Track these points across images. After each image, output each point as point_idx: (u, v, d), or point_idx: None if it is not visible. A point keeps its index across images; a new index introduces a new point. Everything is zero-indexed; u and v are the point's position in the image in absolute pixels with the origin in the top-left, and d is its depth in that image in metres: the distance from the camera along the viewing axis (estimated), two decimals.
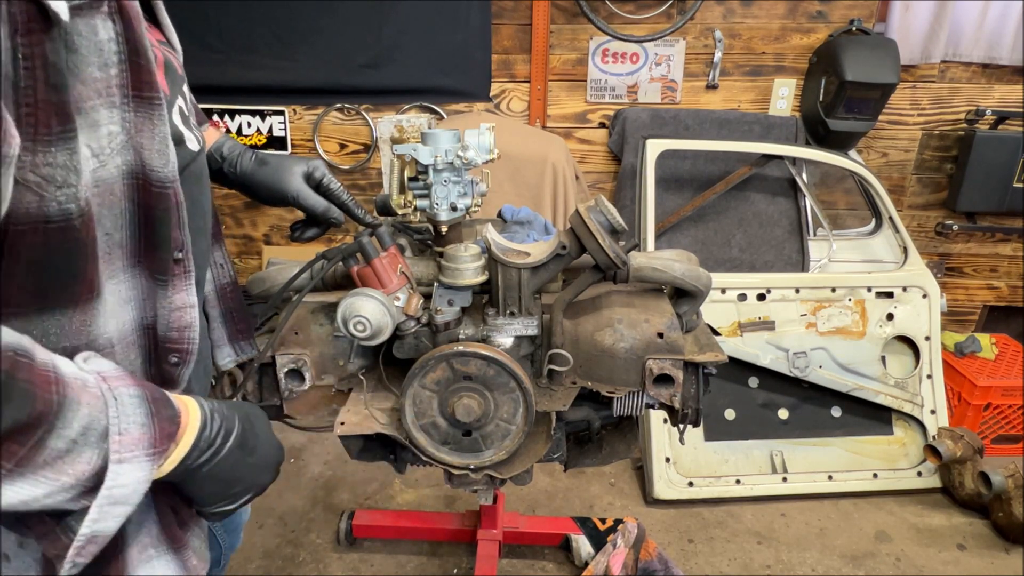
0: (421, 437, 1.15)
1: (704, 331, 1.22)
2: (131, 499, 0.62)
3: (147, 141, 0.66)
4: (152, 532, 0.74)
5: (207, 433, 0.72)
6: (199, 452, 0.71)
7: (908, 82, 2.79)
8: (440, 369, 1.11)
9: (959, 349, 2.70)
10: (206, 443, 0.71)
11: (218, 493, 0.76)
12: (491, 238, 1.10)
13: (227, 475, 0.75)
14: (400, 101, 2.88)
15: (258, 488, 0.81)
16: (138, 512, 0.69)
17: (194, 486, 0.74)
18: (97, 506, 0.60)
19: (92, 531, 0.61)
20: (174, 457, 0.68)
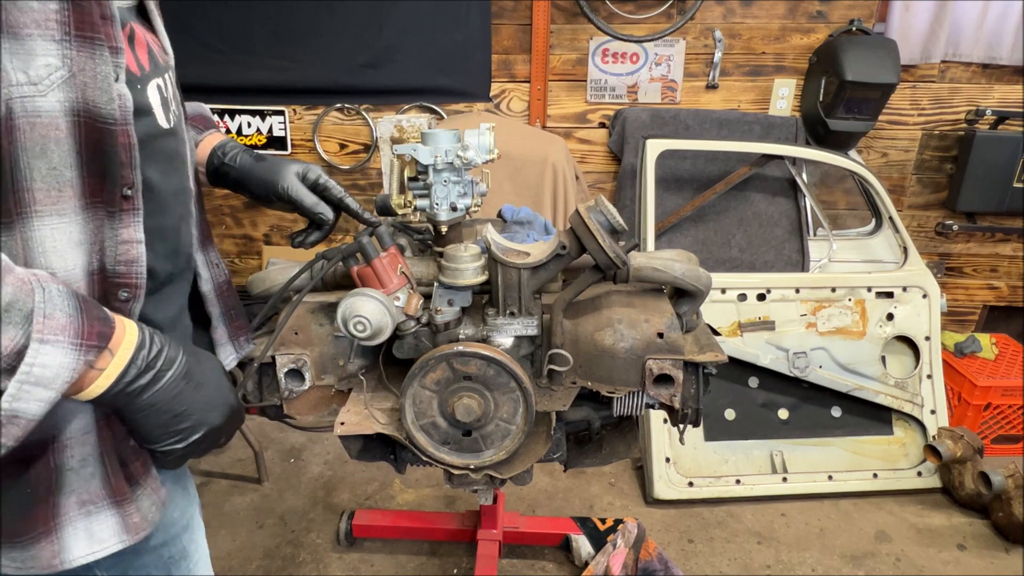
0: (421, 437, 1.15)
1: (704, 331, 1.22)
2: (54, 383, 0.63)
3: (90, 80, 0.68)
4: (93, 484, 0.76)
5: (144, 351, 0.72)
6: (137, 371, 0.71)
7: (908, 82, 2.79)
8: (440, 369, 1.11)
9: (959, 349, 2.70)
10: (143, 362, 0.71)
11: (163, 425, 0.75)
12: (491, 238, 1.10)
13: (170, 405, 0.74)
14: (400, 101, 2.88)
15: (207, 427, 0.78)
16: (80, 460, 0.74)
17: (137, 416, 0.73)
18: (16, 382, 0.61)
19: (11, 408, 0.61)
20: (110, 371, 0.69)
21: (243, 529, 2.22)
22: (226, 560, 2.08)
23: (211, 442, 0.81)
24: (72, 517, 0.74)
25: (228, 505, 2.33)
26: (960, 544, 2.19)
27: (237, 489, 2.42)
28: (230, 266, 3.20)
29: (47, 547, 0.73)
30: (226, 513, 2.29)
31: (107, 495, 0.77)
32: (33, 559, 0.72)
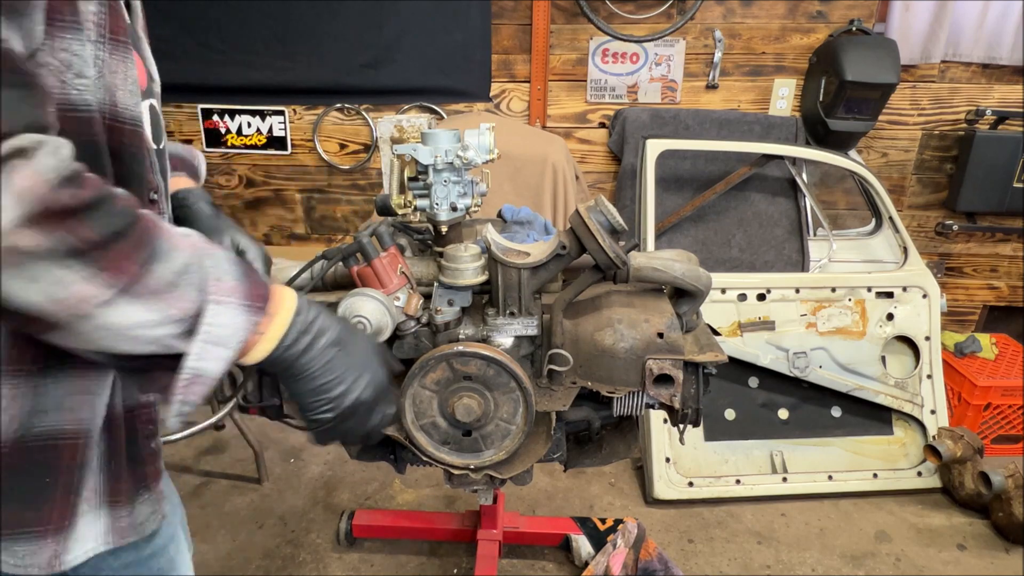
0: (421, 437, 1.15)
1: (704, 331, 1.22)
2: (230, 343, 0.66)
3: (120, 81, 0.69)
4: (100, 480, 0.75)
5: (302, 317, 0.74)
6: (296, 333, 0.73)
7: (908, 82, 2.79)
8: (440, 369, 1.11)
9: (959, 349, 2.70)
10: (302, 325, 0.74)
11: (315, 391, 0.77)
12: (491, 238, 1.10)
13: (323, 371, 0.76)
14: (400, 101, 2.88)
15: (356, 397, 0.79)
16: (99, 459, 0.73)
17: (293, 381, 0.76)
18: (199, 342, 0.64)
19: (195, 368, 0.65)
20: (272, 334, 0.71)
21: (243, 529, 2.22)
22: (226, 560, 2.08)
23: (361, 419, 0.82)
24: (80, 521, 0.73)
25: (228, 505, 2.33)
26: (960, 544, 2.19)
27: (237, 489, 2.42)
28: None
29: (51, 546, 0.71)
30: (226, 513, 2.29)
31: (104, 494, 0.76)
32: (34, 556, 0.70)
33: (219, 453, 2.63)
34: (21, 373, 0.65)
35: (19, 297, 0.55)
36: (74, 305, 0.58)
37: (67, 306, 0.57)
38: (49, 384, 0.67)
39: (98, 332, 0.61)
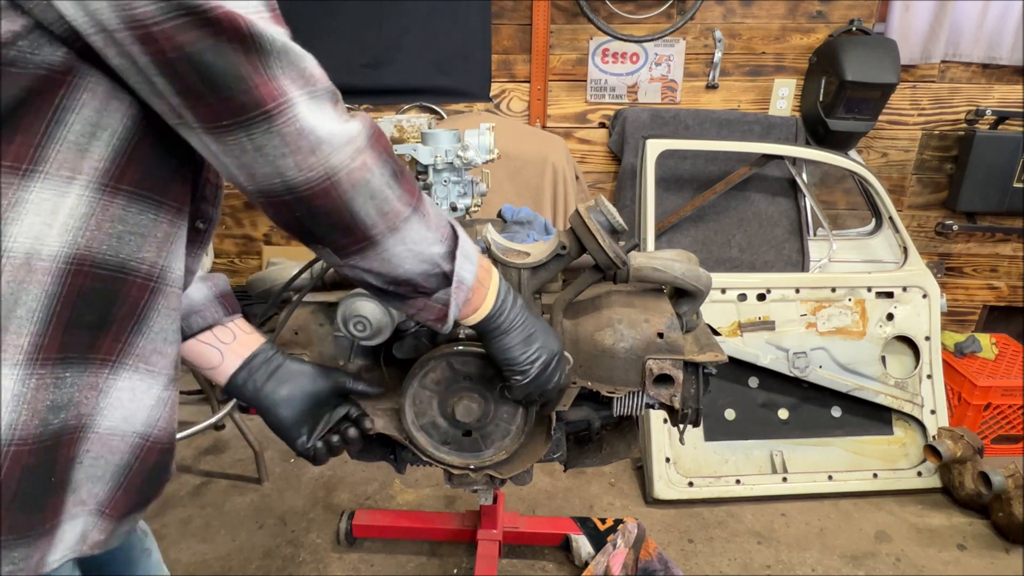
0: (421, 437, 1.15)
1: (704, 331, 1.22)
2: (473, 259, 0.84)
3: None
4: (97, 487, 0.72)
5: (503, 289, 0.91)
6: (500, 300, 0.90)
7: (908, 82, 2.79)
8: (440, 369, 1.11)
9: (959, 349, 2.70)
10: (504, 293, 0.92)
11: (521, 344, 0.93)
12: (491, 238, 1.10)
13: (523, 327, 0.93)
14: (400, 101, 2.88)
15: (551, 352, 0.96)
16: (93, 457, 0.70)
17: (508, 332, 0.92)
18: (459, 256, 0.80)
19: (459, 275, 0.81)
20: (492, 288, 0.89)
21: (243, 529, 2.22)
22: (226, 560, 2.08)
23: (556, 369, 0.99)
24: (65, 517, 0.70)
25: (228, 505, 2.33)
26: (960, 544, 2.19)
27: (237, 489, 2.42)
28: (230, 266, 3.21)
29: (43, 546, 0.67)
30: (226, 513, 2.29)
31: (104, 503, 0.73)
32: (27, 560, 0.66)
33: (219, 453, 2.63)
34: (48, 363, 0.63)
35: (361, 209, 0.69)
36: (392, 218, 0.72)
37: (388, 219, 0.72)
38: (68, 377, 0.65)
39: (397, 247, 0.74)
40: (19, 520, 0.64)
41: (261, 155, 0.62)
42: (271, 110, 0.60)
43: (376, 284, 0.80)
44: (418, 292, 0.82)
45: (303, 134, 0.62)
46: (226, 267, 3.15)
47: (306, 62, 0.63)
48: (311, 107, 0.63)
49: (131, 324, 0.70)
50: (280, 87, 0.60)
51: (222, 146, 0.62)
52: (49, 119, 0.59)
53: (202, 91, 0.58)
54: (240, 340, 0.92)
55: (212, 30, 0.55)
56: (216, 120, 0.60)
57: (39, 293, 0.61)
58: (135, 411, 0.72)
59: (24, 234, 0.60)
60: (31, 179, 0.59)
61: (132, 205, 0.66)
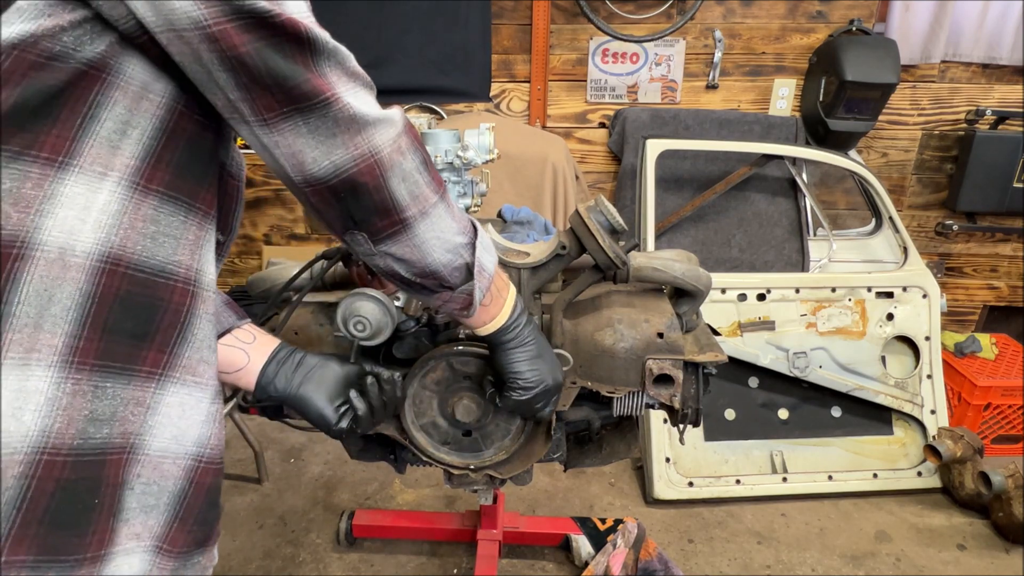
0: (421, 437, 1.15)
1: (704, 331, 1.22)
2: (492, 250, 0.89)
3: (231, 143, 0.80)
4: (152, 519, 0.68)
5: (519, 304, 0.97)
6: (516, 314, 0.96)
7: (908, 82, 2.79)
8: (440, 369, 1.11)
9: (959, 349, 2.70)
10: (520, 308, 0.97)
11: (529, 360, 0.99)
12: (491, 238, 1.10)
13: (533, 345, 0.99)
14: (400, 101, 2.87)
15: (554, 380, 1.02)
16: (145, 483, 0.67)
17: (517, 347, 0.98)
18: (479, 245, 0.85)
19: (480, 263, 0.85)
20: (509, 303, 0.95)
21: (243, 529, 2.22)
22: (226, 560, 2.08)
23: (546, 402, 1.04)
24: (118, 551, 0.65)
25: (228, 505, 2.33)
26: (960, 544, 2.19)
27: (237, 489, 2.42)
28: (230, 266, 3.21)
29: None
30: (226, 513, 2.29)
31: (159, 537, 0.69)
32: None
33: None
34: (85, 367, 0.61)
35: (396, 190, 0.74)
36: (422, 202, 0.77)
37: (419, 202, 0.77)
38: (108, 388, 0.63)
39: (427, 233, 0.79)
40: (52, 541, 0.60)
41: (314, 139, 0.67)
42: (326, 98, 0.66)
43: (405, 275, 0.83)
44: (443, 286, 0.85)
45: (353, 118, 0.69)
46: (226, 267, 3.15)
47: (350, 61, 0.71)
48: (357, 97, 0.70)
49: (176, 333, 0.68)
50: (330, 81, 0.67)
51: (277, 136, 0.67)
52: (84, 113, 0.60)
53: (264, 85, 0.63)
54: (260, 340, 0.93)
55: (274, 31, 0.62)
56: (273, 110, 0.65)
57: (73, 291, 0.60)
58: (186, 429, 0.69)
59: (58, 228, 0.60)
60: (66, 172, 0.60)
61: (163, 206, 0.66)
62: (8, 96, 0.57)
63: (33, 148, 0.59)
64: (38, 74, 0.58)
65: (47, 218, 0.59)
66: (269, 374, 0.91)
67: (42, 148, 0.59)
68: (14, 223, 0.58)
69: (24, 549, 0.58)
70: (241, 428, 2.36)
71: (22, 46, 0.57)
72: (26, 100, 0.58)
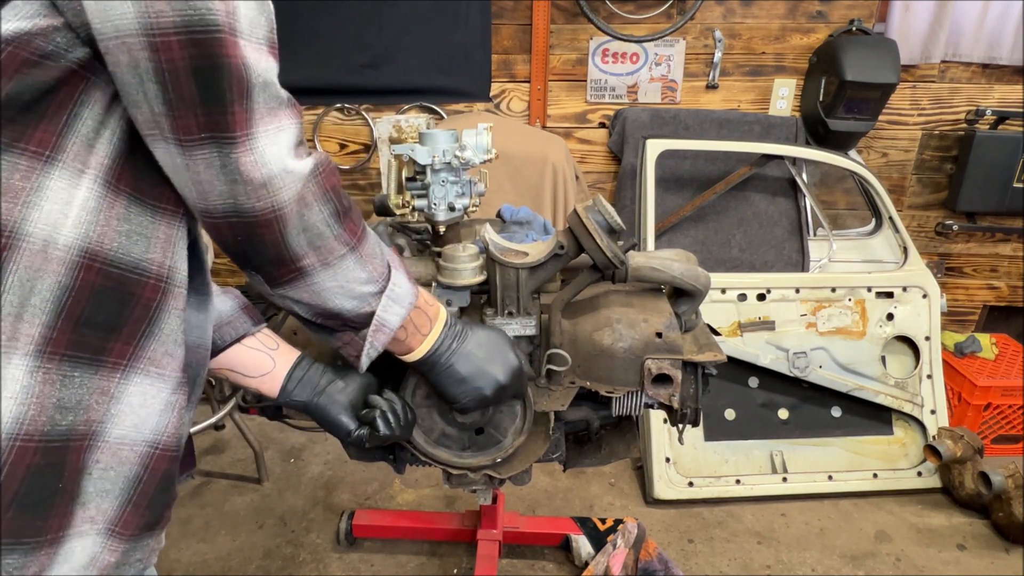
0: (419, 437, 1.15)
1: (703, 331, 1.22)
2: (404, 301, 0.87)
3: None
4: (105, 504, 0.70)
5: (448, 328, 0.96)
6: (444, 337, 0.96)
7: (908, 82, 2.79)
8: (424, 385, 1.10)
9: (959, 349, 2.69)
10: (452, 331, 0.97)
11: (460, 382, 0.99)
12: (489, 238, 1.10)
13: (465, 368, 0.98)
14: (400, 101, 2.88)
15: (493, 386, 1.00)
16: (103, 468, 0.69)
17: (442, 376, 0.98)
18: (385, 298, 0.84)
19: (380, 319, 0.84)
20: (430, 337, 0.94)
21: (243, 529, 2.22)
22: (226, 560, 2.08)
23: (499, 396, 1.03)
24: (72, 534, 0.67)
25: (228, 505, 2.33)
26: (960, 544, 2.19)
27: (237, 489, 2.42)
28: (230, 266, 3.21)
29: (42, 559, 0.65)
30: (226, 513, 2.29)
31: (112, 521, 0.71)
32: (23, 569, 0.63)
33: (219, 453, 2.63)
34: (55, 357, 0.64)
35: (293, 242, 0.74)
36: (325, 254, 0.76)
37: (321, 254, 0.76)
38: (76, 377, 0.65)
39: (327, 283, 0.78)
40: (17, 524, 0.62)
41: (223, 174, 0.66)
42: (239, 137, 0.65)
43: (304, 315, 0.84)
44: (346, 326, 0.85)
45: (259, 165, 0.67)
46: (225, 267, 3.15)
47: (281, 103, 0.69)
48: (276, 141, 0.68)
49: (144, 326, 0.70)
50: (253, 119, 0.66)
51: (188, 160, 0.65)
52: (70, 111, 0.62)
53: (188, 104, 0.62)
54: (283, 348, 0.98)
55: (213, 52, 0.61)
56: (192, 133, 0.64)
57: (53, 283, 0.62)
58: (145, 417, 0.71)
59: (43, 220, 0.62)
60: (51, 166, 0.62)
61: (132, 206, 0.68)
62: (3, 88, 0.59)
63: (22, 141, 0.60)
64: (31, 70, 0.59)
65: (33, 210, 0.61)
66: (294, 381, 0.96)
67: (30, 141, 0.61)
68: (3, 213, 0.60)
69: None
70: (241, 428, 2.36)
71: (17, 42, 0.58)
72: (19, 94, 0.59)
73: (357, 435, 0.98)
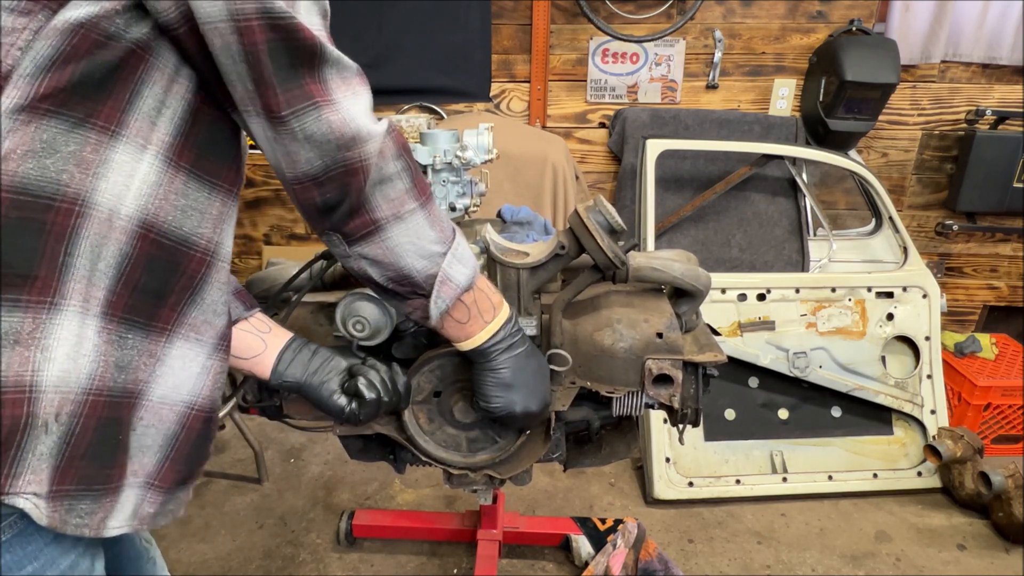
0: (420, 436, 1.15)
1: (704, 331, 1.22)
2: (468, 263, 0.89)
3: None
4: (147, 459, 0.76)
5: (510, 325, 0.97)
6: (504, 335, 0.96)
7: (908, 82, 2.79)
8: (436, 369, 1.11)
9: (959, 349, 2.70)
10: (511, 329, 0.97)
11: (499, 385, 0.98)
12: (490, 238, 1.10)
13: (511, 373, 0.98)
14: (400, 101, 2.88)
15: (525, 407, 1.00)
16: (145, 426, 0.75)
17: (487, 372, 0.98)
18: (450, 255, 0.86)
19: (445, 272, 0.86)
20: (492, 326, 0.94)
21: (243, 529, 2.22)
22: (226, 560, 2.08)
23: (523, 421, 1.05)
24: (126, 484, 0.73)
25: (228, 505, 2.33)
26: (960, 544, 2.19)
27: (237, 489, 2.42)
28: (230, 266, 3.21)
29: (107, 506, 0.71)
30: (226, 513, 2.29)
31: (148, 474, 0.76)
32: (91, 515, 0.69)
33: (219, 453, 2.63)
34: (115, 319, 0.69)
35: (371, 193, 0.78)
36: (398, 206, 0.80)
37: (394, 206, 0.80)
38: (130, 339, 0.71)
39: (400, 238, 0.82)
40: (89, 472, 0.68)
41: (309, 142, 0.73)
42: (323, 103, 0.72)
43: (378, 279, 0.86)
44: (416, 292, 0.87)
45: (345, 125, 0.73)
46: None
47: (352, 72, 0.77)
48: (353, 105, 0.75)
49: (188, 295, 0.76)
50: (330, 88, 0.73)
51: (276, 134, 0.72)
52: (132, 89, 0.68)
53: (270, 83, 0.69)
54: (276, 331, 0.99)
55: (287, 35, 0.68)
56: (277, 109, 0.70)
57: (116, 251, 0.68)
58: (184, 379, 0.77)
59: (109, 191, 0.67)
60: (117, 140, 0.67)
61: (191, 182, 0.73)
62: (76, 68, 0.64)
63: (93, 116, 0.66)
64: (99, 51, 0.65)
65: (102, 180, 0.66)
66: (285, 361, 0.97)
67: (99, 117, 0.66)
68: (77, 183, 0.65)
69: (69, 479, 0.67)
70: (241, 428, 2.36)
71: (88, 25, 0.64)
72: (91, 73, 0.65)
73: (350, 411, 0.98)
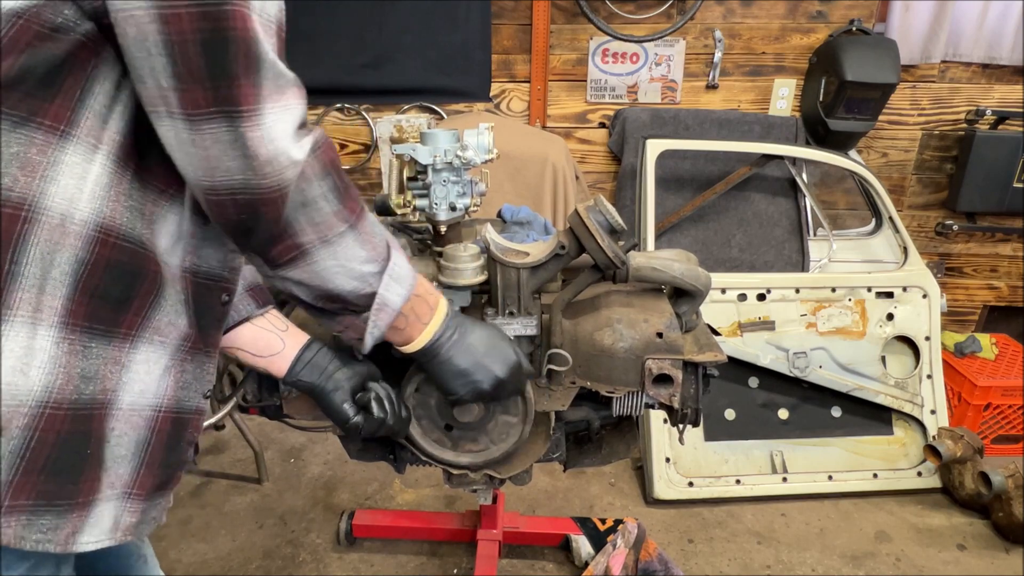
0: (419, 436, 1.15)
1: (704, 331, 1.22)
2: (404, 282, 0.86)
3: None
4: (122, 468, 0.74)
5: (449, 318, 0.95)
6: (445, 327, 0.94)
7: (908, 82, 2.79)
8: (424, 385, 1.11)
9: (959, 349, 2.69)
10: (451, 321, 0.95)
11: (457, 375, 0.97)
12: (490, 238, 1.10)
13: (463, 360, 0.96)
14: (400, 101, 2.88)
15: (491, 380, 0.99)
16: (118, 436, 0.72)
17: (440, 367, 0.96)
18: (386, 277, 0.83)
19: (382, 297, 0.84)
20: (431, 326, 0.93)
21: (243, 529, 2.22)
22: (226, 560, 2.08)
23: (497, 392, 1.01)
24: (101, 498, 0.71)
25: (228, 505, 2.33)
26: (960, 544, 2.19)
27: (237, 489, 2.42)
28: None
29: (73, 521, 0.69)
30: (226, 513, 2.29)
31: (124, 484, 0.74)
32: (56, 531, 0.67)
33: (219, 453, 2.63)
34: (77, 328, 0.66)
35: (293, 218, 0.73)
36: (324, 230, 0.76)
37: (320, 230, 0.75)
38: (94, 348, 0.68)
39: (327, 261, 0.77)
40: (49, 487, 0.66)
41: (232, 148, 0.65)
42: (247, 112, 0.65)
43: (305, 298, 0.83)
44: (347, 309, 0.85)
45: (266, 141, 0.66)
46: None
47: (288, 82, 0.69)
48: (281, 119, 0.68)
49: (151, 299, 0.73)
50: (261, 94, 0.65)
51: (196, 135, 0.65)
52: (83, 86, 0.64)
53: (198, 78, 0.62)
54: (292, 329, 0.98)
55: (225, 27, 0.61)
56: (200, 107, 0.63)
57: (70, 257, 0.65)
58: (149, 383, 0.75)
59: (60, 195, 0.63)
60: (67, 141, 0.63)
61: (135, 183, 0.70)
62: (14, 62, 0.59)
63: (38, 115, 0.62)
64: (43, 44, 0.60)
65: (51, 184, 0.63)
66: (303, 363, 0.96)
67: (46, 115, 0.62)
68: (22, 186, 0.61)
69: (25, 495, 0.64)
70: (241, 428, 2.36)
71: (27, 15, 0.59)
72: (33, 67, 0.60)
73: (354, 422, 0.99)
